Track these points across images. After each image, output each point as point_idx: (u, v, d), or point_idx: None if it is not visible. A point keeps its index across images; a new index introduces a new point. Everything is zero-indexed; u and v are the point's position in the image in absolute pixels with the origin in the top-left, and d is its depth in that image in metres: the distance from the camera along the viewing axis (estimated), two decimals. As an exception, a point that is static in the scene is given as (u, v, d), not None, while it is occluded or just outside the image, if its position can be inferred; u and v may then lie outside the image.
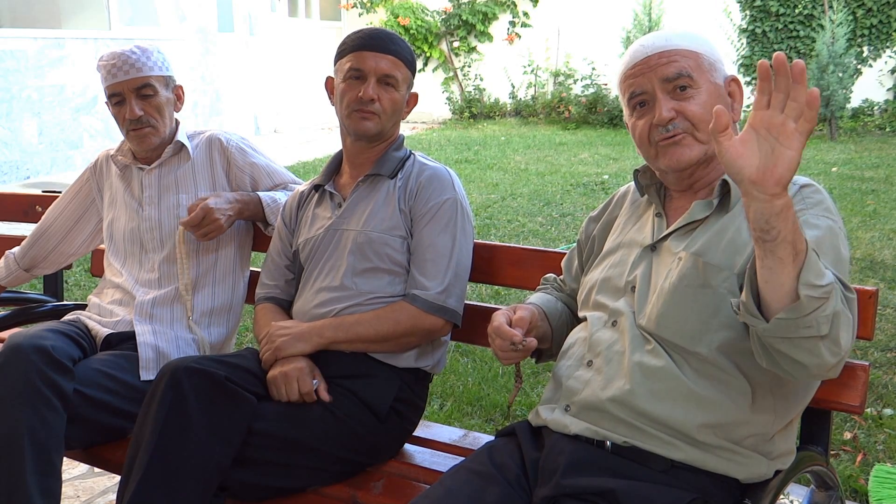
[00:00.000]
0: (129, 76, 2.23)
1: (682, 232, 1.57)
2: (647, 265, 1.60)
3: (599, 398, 1.52)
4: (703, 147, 1.54)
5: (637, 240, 1.65)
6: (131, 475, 1.71)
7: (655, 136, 1.55)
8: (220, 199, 2.22)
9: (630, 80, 1.59)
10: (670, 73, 1.54)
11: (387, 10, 14.05)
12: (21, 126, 8.36)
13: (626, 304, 1.59)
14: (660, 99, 1.54)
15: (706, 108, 1.52)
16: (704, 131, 1.52)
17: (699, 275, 1.49)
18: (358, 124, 1.98)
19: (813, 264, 1.22)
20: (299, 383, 1.85)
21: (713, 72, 1.56)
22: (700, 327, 1.48)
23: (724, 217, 1.53)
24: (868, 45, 11.52)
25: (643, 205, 1.72)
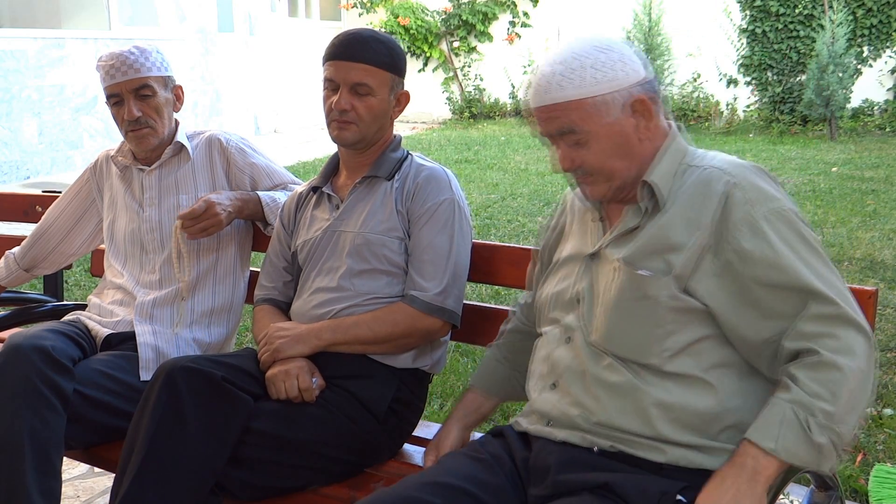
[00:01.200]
0: (126, 77, 2.23)
1: (620, 239, 1.55)
2: (590, 276, 1.58)
3: (571, 418, 1.53)
4: (608, 184, 1.54)
5: (582, 249, 1.63)
6: (125, 474, 1.71)
7: (570, 178, 1.59)
8: (221, 196, 2.22)
9: (534, 119, 1.58)
10: (554, 130, 1.53)
11: (387, 10, 14.05)
12: (21, 126, 8.37)
13: (576, 318, 1.58)
14: (557, 149, 1.55)
15: (604, 154, 1.51)
16: (603, 174, 1.53)
17: (636, 287, 1.48)
18: (336, 133, 1.99)
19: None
20: (299, 380, 1.85)
21: (605, 112, 1.49)
22: (646, 339, 1.48)
23: (657, 218, 1.51)
24: (868, 45, 11.52)
25: (589, 209, 1.69)
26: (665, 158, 1.54)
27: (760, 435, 1.35)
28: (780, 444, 1.33)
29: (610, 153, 1.51)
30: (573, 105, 1.49)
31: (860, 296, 1.63)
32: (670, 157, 1.54)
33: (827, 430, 1.34)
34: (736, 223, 1.43)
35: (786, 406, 1.35)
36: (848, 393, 1.36)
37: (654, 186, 1.50)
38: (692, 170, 1.53)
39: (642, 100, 1.53)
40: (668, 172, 1.53)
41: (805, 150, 9.52)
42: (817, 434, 1.33)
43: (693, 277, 1.46)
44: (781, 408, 1.35)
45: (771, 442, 1.34)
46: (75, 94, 8.89)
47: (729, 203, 1.45)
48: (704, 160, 1.54)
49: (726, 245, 1.44)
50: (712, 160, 1.54)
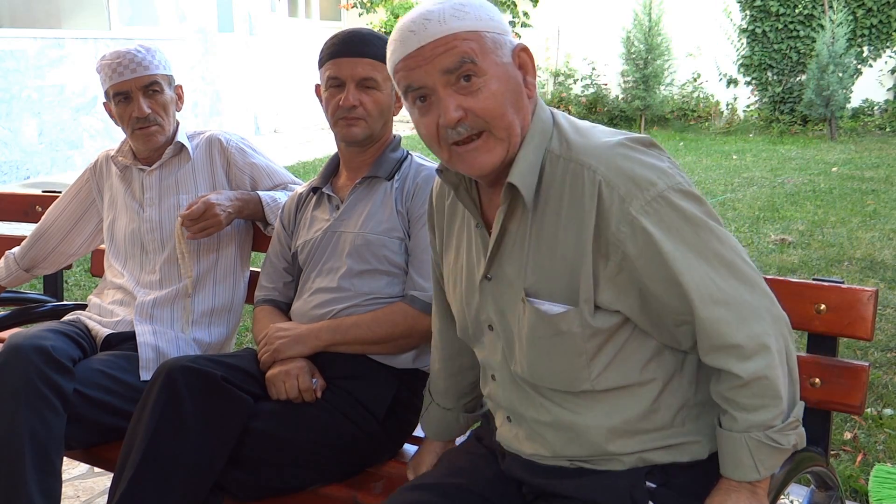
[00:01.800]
0: (136, 74, 2.23)
1: (504, 252, 1.40)
2: (492, 299, 1.44)
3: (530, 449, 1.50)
4: (503, 145, 1.33)
5: (470, 265, 1.49)
6: (123, 473, 1.71)
7: (447, 139, 1.34)
8: (221, 196, 2.22)
9: (404, 73, 1.34)
10: (451, 64, 1.30)
11: (387, 10, 14.05)
12: (21, 126, 8.37)
13: (492, 350, 1.49)
14: (443, 97, 1.31)
15: (498, 100, 1.31)
16: (501, 126, 1.32)
17: (547, 324, 1.36)
18: (345, 132, 1.98)
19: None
20: (299, 380, 1.85)
21: (498, 50, 1.32)
22: (571, 370, 1.39)
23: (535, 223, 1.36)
24: (868, 45, 11.53)
25: (457, 205, 1.53)
26: (529, 148, 1.36)
27: (742, 473, 1.36)
28: (762, 469, 1.35)
29: (505, 99, 1.32)
30: (472, 36, 1.31)
31: (860, 296, 1.64)
32: (535, 145, 1.36)
33: (787, 429, 1.35)
34: (616, 225, 1.28)
35: (742, 438, 1.34)
36: (782, 384, 1.33)
37: (517, 189, 1.34)
38: (560, 162, 1.35)
39: (526, 49, 1.38)
40: (533, 165, 1.35)
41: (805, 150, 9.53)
42: (784, 440, 1.35)
43: (597, 292, 1.33)
44: (742, 441, 1.34)
45: (754, 473, 1.35)
46: (75, 94, 8.90)
47: (602, 205, 1.29)
48: (571, 150, 1.35)
49: (613, 249, 1.30)
50: (579, 151, 1.34)
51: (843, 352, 2.24)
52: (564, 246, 1.33)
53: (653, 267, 1.28)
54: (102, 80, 2.27)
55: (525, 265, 1.37)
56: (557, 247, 1.34)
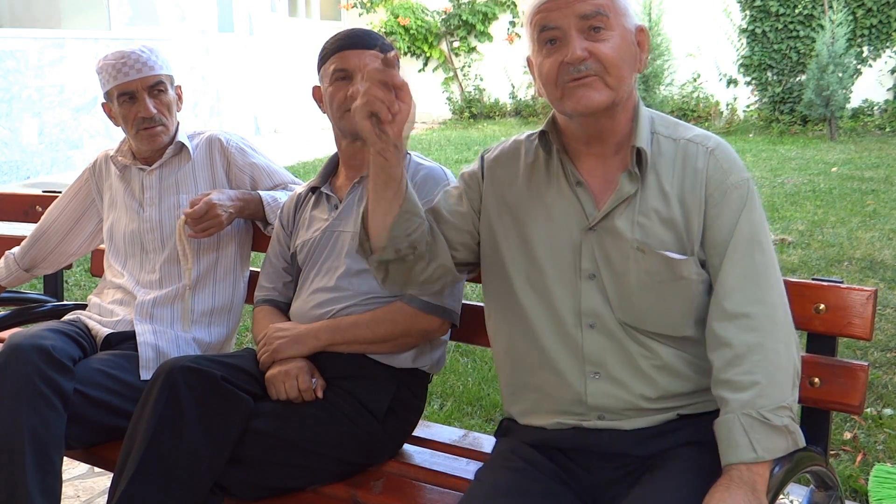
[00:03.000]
0: (141, 74, 2.23)
1: (618, 210, 1.54)
2: (599, 249, 1.55)
3: (631, 405, 1.55)
4: (611, 93, 1.50)
5: (566, 217, 1.58)
6: (123, 473, 1.71)
7: (564, 77, 1.50)
8: (222, 196, 2.22)
9: (543, 14, 1.51)
10: (587, 10, 1.48)
11: (387, 10, 14.05)
12: (21, 126, 8.37)
13: (593, 298, 1.55)
14: (573, 37, 1.48)
15: (618, 53, 1.50)
16: (615, 76, 1.50)
17: (668, 270, 1.51)
18: (353, 123, 1.98)
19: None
20: (298, 380, 1.85)
21: (626, 16, 1.53)
22: (682, 316, 1.53)
23: (644, 188, 1.54)
24: (868, 45, 11.52)
25: (543, 167, 1.63)
26: (643, 122, 1.57)
27: (738, 454, 1.41)
28: (759, 448, 1.40)
29: (623, 55, 1.51)
30: None
31: (860, 296, 1.64)
32: (646, 122, 1.57)
33: (779, 410, 1.42)
34: (712, 190, 1.52)
35: (735, 417, 1.42)
36: (777, 367, 1.45)
37: (643, 153, 1.53)
38: (666, 141, 1.57)
39: (645, 30, 1.56)
40: (647, 139, 1.56)
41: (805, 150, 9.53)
42: (775, 418, 1.41)
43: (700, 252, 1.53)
44: (735, 421, 1.42)
45: (750, 453, 1.40)
46: (75, 94, 8.90)
47: (708, 172, 1.53)
48: (678, 131, 1.59)
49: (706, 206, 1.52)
50: (685, 132, 1.59)
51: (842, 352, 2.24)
52: (677, 206, 1.52)
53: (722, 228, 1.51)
54: (104, 81, 2.27)
55: (634, 219, 1.53)
56: (669, 206, 1.52)
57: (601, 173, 1.58)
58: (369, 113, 1.44)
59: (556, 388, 1.60)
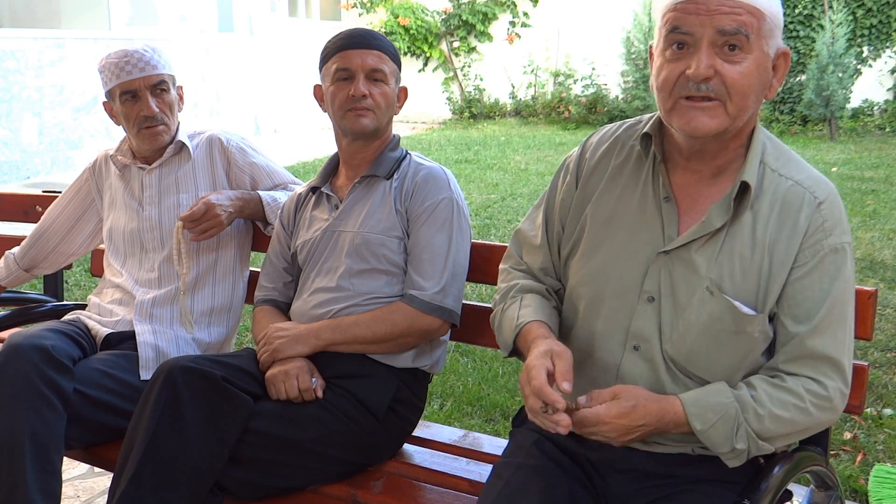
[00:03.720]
0: (145, 73, 2.23)
1: (700, 242, 1.44)
2: (667, 275, 1.46)
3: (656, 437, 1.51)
4: (727, 121, 1.37)
5: (644, 231, 1.48)
6: (123, 473, 1.71)
7: (681, 90, 1.36)
8: (221, 196, 2.22)
9: (678, 13, 1.35)
10: (729, 26, 1.32)
11: (387, 10, 14.05)
12: (21, 126, 8.37)
13: (647, 322, 1.47)
14: (704, 50, 1.33)
15: (748, 80, 1.35)
16: (737, 104, 1.36)
17: (733, 321, 1.42)
18: (355, 122, 1.98)
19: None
20: (299, 380, 1.85)
21: (769, 39, 1.37)
22: (732, 367, 1.46)
23: (736, 226, 1.42)
24: (868, 45, 11.52)
25: (633, 169, 1.53)
26: (755, 153, 1.43)
27: (696, 413, 1.39)
28: (706, 431, 1.39)
29: (751, 83, 1.36)
30: (757, 13, 1.34)
31: (860, 296, 1.63)
32: (757, 154, 1.44)
33: (751, 441, 1.40)
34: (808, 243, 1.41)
35: (731, 404, 1.39)
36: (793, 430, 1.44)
37: (750, 188, 1.40)
38: (773, 176, 1.44)
39: (788, 55, 1.42)
40: (756, 172, 1.42)
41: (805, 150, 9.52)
42: (741, 440, 1.40)
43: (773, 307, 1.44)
44: (727, 404, 1.40)
45: (700, 424, 1.39)
46: (75, 94, 8.89)
47: (812, 226, 1.41)
48: (787, 168, 1.45)
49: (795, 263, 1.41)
50: (795, 170, 1.45)
51: (842, 352, 2.23)
52: (765, 254, 1.41)
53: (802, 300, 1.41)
54: (106, 79, 2.27)
55: (717, 257, 1.42)
56: (755, 249, 1.41)
57: (692, 193, 1.47)
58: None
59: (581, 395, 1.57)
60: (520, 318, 1.55)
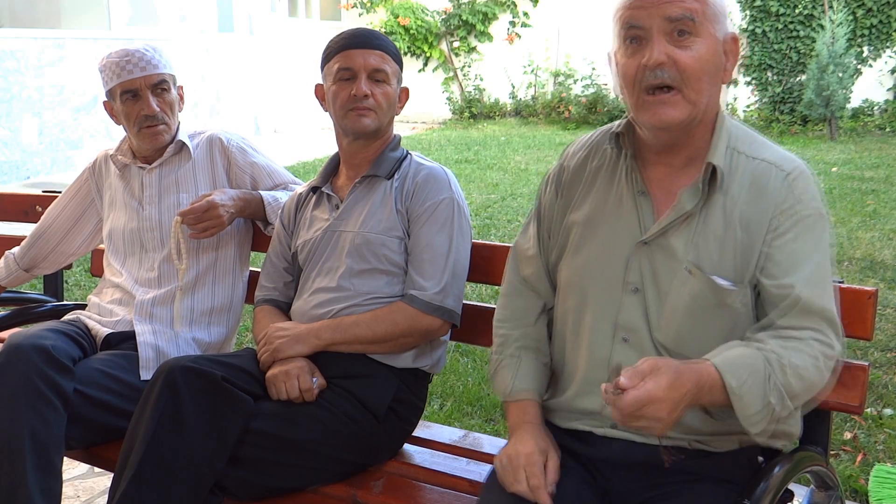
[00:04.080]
0: (146, 72, 2.23)
1: (676, 226, 1.49)
2: (648, 264, 1.50)
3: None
4: (690, 107, 1.43)
5: (622, 226, 1.54)
6: (123, 473, 1.71)
7: (643, 81, 1.44)
8: (224, 196, 2.22)
9: (630, 11, 1.45)
10: (675, 13, 1.41)
11: (387, 10, 14.05)
12: (21, 126, 8.37)
13: (633, 312, 1.51)
14: (656, 39, 1.42)
15: (701, 63, 1.42)
16: (694, 88, 1.42)
17: (713, 296, 1.45)
18: (356, 122, 1.98)
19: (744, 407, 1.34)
20: (299, 380, 1.85)
21: (717, 24, 1.44)
22: (719, 343, 1.45)
23: (709, 207, 1.47)
24: (868, 45, 11.52)
25: (608, 169, 1.59)
26: (721, 137, 1.49)
27: (730, 371, 1.34)
28: (741, 388, 1.33)
29: (706, 67, 1.43)
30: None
31: (860, 296, 1.64)
32: (724, 136, 1.49)
33: (779, 397, 1.36)
34: (780, 213, 1.44)
35: (760, 356, 1.36)
36: (808, 388, 1.40)
37: (718, 170, 1.45)
38: (742, 158, 1.49)
39: (736, 39, 1.49)
40: (723, 155, 1.48)
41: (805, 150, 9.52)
42: (773, 394, 1.35)
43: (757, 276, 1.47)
44: (757, 357, 1.36)
45: (734, 381, 1.34)
46: (75, 94, 8.89)
47: (779, 198, 1.45)
48: (754, 149, 1.50)
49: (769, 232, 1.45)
50: (762, 150, 1.50)
51: (842, 352, 2.23)
52: (738, 229, 1.45)
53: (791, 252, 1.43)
54: (107, 78, 2.27)
55: (691, 238, 1.47)
56: (728, 227, 1.45)
57: (666, 185, 1.53)
58: None
59: (577, 396, 1.58)
60: (514, 388, 1.64)
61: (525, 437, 1.55)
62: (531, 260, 1.71)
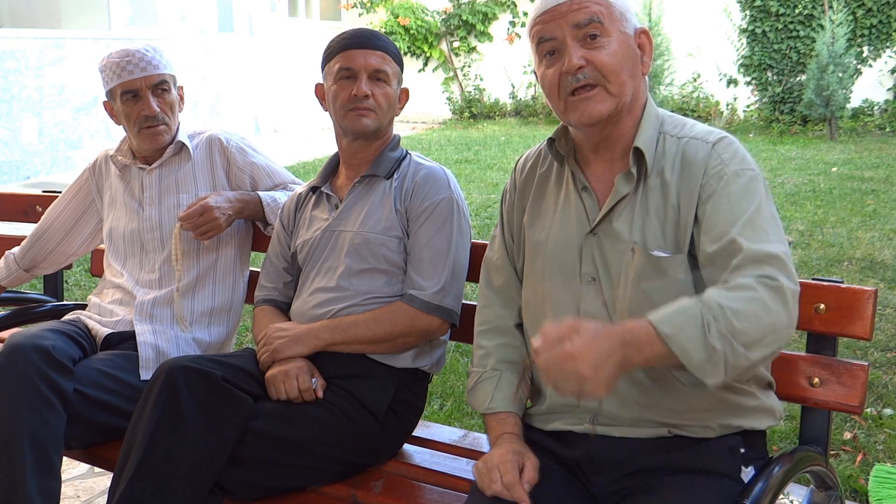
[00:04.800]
0: (146, 73, 2.23)
1: (617, 212, 1.54)
2: (598, 253, 1.56)
3: (622, 413, 1.53)
4: (614, 100, 1.51)
5: (570, 221, 1.60)
6: (123, 473, 1.71)
7: (566, 87, 1.52)
8: (220, 198, 2.22)
9: (539, 25, 1.54)
10: (581, 19, 1.50)
11: (387, 10, 14.05)
12: (21, 126, 8.37)
13: (592, 302, 1.55)
14: (569, 46, 1.50)
15: (616, 59, 1.50)
16: (615, 82, 1.50)
17: (654, 269, 1.50)
18: (356, 122, 1.98)
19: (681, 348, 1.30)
20: (299, 381, 1.85)
21: (623, 21, 1.53)
22: None
23: (645, 188, 1.52)
24: (868, 45, 11.52)
25: (554, 176, 1.67)
26: (648, 123, 1.56)
27: (661, 319, 1.31)
28: (676, 336, 1.29)
29: (622, 62, 1.51)
30: (603, 2, 1.51)
31: (860, 296, 1.64)
32: (651, 123, 1.56)
33: (725, 341, 1.30)
34: (708, 176, 1.48)
35: (695, 304, 1.33)
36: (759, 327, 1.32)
37: (644, 152, 1.52)
38: (671, 140, 1.55)
39: (647, 32, 1.57)
40: (651, 139, 1.54)
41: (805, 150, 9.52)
42: (714, 338, 1.29)
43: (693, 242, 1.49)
44: (692, 305, 1.33)
45: (668, 328, 1.30)
46: (75, 94, 8.89)
47: (709, 163, 1.49)
48: (683, 130, 1.57)
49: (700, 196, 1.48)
50: (690, 130, 1.56)
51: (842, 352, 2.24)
52: (674, 202, 1.50)
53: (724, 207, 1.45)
54: (108, 79, 2.27)
55: (633, 220, 1.52)
56: (667, 204, 1.51)
57: (607, 178, 1.58)
58: None
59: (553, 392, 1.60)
60: (493, 400, 1.68)
61: (503, 443, 1.59)
62: (501, 270, 1.76)
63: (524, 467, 1.51)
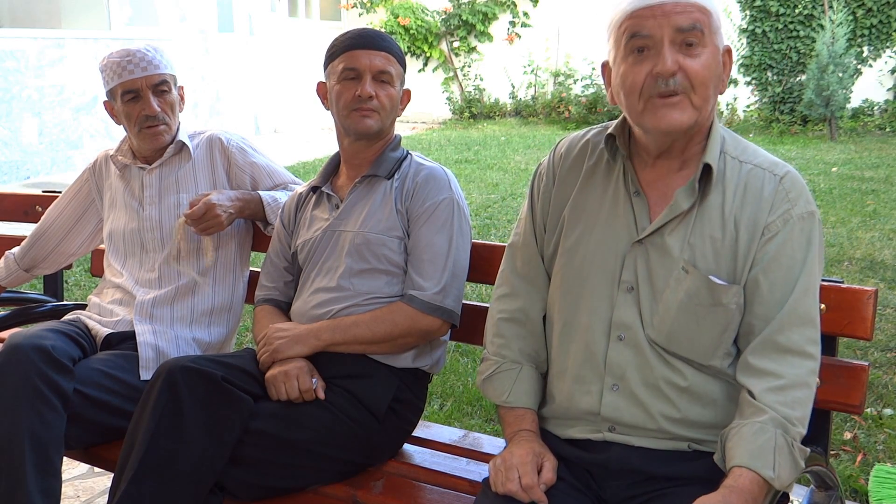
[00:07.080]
0: (147, 72, 2.23)
1: (671, 226, 1.51)
2: (643, 263, 1.52)
3: (644, 423, 1.52)
4: (695, 113, 1.46)
5: (618, 225, 1.56)
6: (123, 473, 1.71)
7: (651, 90, 1.45)
8: (222, 196, 2.22)
9: (635, 20, 1.46)
10: (685, 23, 1.43)
11: (387, 10, 14.05)
12: (21, 126, 8.37)
13: (627, 311, 1.53)
14: (666, 48, 1.43)
15: (708, 71, 1.45)
16: (701, 95, 1.46)
17: (709, 294, 1.48)
18: (359, 123, 1.98)
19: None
20: (299, 381, 1.85)
21: (718, 35, 1.49)
22: (713, 343, 1.50)
23: (704, 208, 1.50)
24: (868, 45, 11.52)
25: (604, 170, 1.61)
26: (714, 140, 1.52)
27: (760, 463, 1.38)
28: (778, 473, 1.38)
29: (712, 75, 1.47)
30: (706, 11, 1.46)
31: (860, 296, 1.64)
32: (717, 140, 1.53)
33: (801, 452, 1.42)
34: (774, 218, 1.47)
35: (772, 431, 1.40)
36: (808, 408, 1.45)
37: (713, 170, 1.48)
38: (733, 163, 1.52)
39: (730, 51, 1.53)
40: (716, 157, 1.51)
41: (805, 150, 9.52)
42: (800, 458, 1.42)
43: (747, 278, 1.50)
44: (770, 434, 1.40)
45: (770, 471, 1.38)
46: (75, 94, 8.89)
47: (776, 200, 1.48)
48: (746, 155, 1.54)
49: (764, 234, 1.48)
50: (753, 156, 1.53)
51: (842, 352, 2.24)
52: (731, 229, 1.48)
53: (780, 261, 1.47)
54: (108, 78, 2.27)
55: (686, 238, 1.50)
56: (724, 229, 1.48)
57: (661, 186, 1.55)
58: None
59: (572, 396, 1.59)
60: (512, 394, 1.66)
61: (521, 442, 1.57)
62: (527, 256, 1.71)
63: (542, 468, 1.51)
